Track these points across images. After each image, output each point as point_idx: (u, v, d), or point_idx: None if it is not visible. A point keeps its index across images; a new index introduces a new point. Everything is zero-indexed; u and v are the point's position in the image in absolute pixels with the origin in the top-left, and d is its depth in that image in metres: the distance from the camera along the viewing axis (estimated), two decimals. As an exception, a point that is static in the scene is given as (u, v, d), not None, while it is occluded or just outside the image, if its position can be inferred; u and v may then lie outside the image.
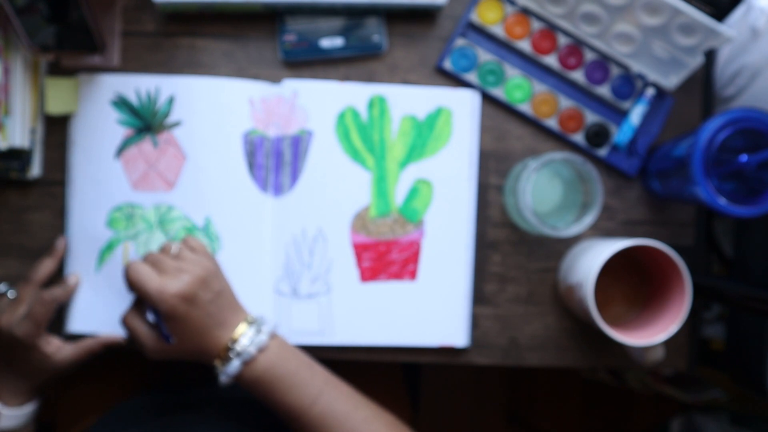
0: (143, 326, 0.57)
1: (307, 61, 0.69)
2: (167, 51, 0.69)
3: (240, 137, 0.67)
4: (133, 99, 0.67)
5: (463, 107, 0.69)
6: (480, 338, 0.70)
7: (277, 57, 0.69)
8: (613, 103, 0.70)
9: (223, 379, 0.57)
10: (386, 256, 0.69)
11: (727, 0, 0.71)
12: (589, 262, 0.62)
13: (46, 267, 0.65)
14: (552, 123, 0.70)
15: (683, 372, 0.73)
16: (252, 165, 0.67)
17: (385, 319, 0.68)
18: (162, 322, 0.56)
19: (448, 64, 0.69)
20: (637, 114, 0.69)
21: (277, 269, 0.68)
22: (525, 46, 0.70)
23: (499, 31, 0.69)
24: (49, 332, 0.63)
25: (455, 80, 0.70)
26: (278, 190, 0.68)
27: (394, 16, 0.70)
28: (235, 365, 0.56)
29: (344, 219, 0.68)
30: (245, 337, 0.57)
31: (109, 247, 0.67)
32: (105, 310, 0.66)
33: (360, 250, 0.68)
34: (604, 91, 0.70)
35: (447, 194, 0.69)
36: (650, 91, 0.69)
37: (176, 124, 0.67)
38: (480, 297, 0.70)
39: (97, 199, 0.67)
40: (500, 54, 0.70)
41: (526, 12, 0.69)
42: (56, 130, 0.68)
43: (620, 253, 0.62)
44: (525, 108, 0.70)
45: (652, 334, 0.62)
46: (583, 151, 0.71)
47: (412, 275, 0.69)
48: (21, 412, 0.64)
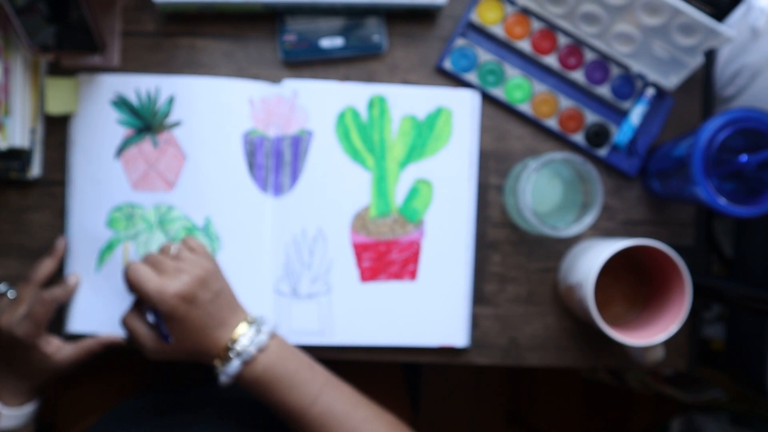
0: (143, 327, 0.57)
1: (307, 61, 0.69)
2: (167, 51, 0.69)
3: (240, 137, 0.67)
4: (133, 99, 0.67)
5: (463, 107, 0.69)
6: (480, 338, 0.70)
7: (277, 57, 0.69)
8: (613, 103, 0.70)
9: (223, 379, 0.57)
10: (386, 256, 0.69)
11: (727, 0, 0.71)
12: (589, 262, 0.62)
13: (46, 267, 0.65)
14: (552, 123, 0.70)
15: (683, 372, 0.73)
16: (252, 165, 0.67)
17: (385, 319, 0.68)
18: (162, 323, 0.56)
19: (448, 64, 0.69)
20: (637, 114, 0.69)
21: (277, 269, 0.68)
22: (525, 46, 0.70)
23: (499, 31, 0.69)
24: (49, 332, 0.63)
25: (455, 80, 0.70)
26: (278, 190, 0.68)
27: (394, 16, 0.70)
28: (235, 365, 0.56)
29: (344, 219, 0.68)
30: (245, 337, 0.57)
31: (109, 247, 0.67)
32: (105, 310, 0.66)
33: (360, 250, 0.68)
34: (604, 91, 0.70)
35: (447, 194, 0.69)
36: (650, 91, 0.69)
37: (176, 124, 0.67)
38: (480, 297, 0.70)
39: (97, 199, 0.67)
40: (500, 54, 0.70)
41: (526, 12, 0.69)
42: (56, 130, 0.68)
43: (620, 253, 0.62)
44: (525, 108, 0.70)
45: (652, 334, 0.62)
46: (583, 151, 0.71)
47: (412, 275, 0.69)
48: (21, 412, 0.64)
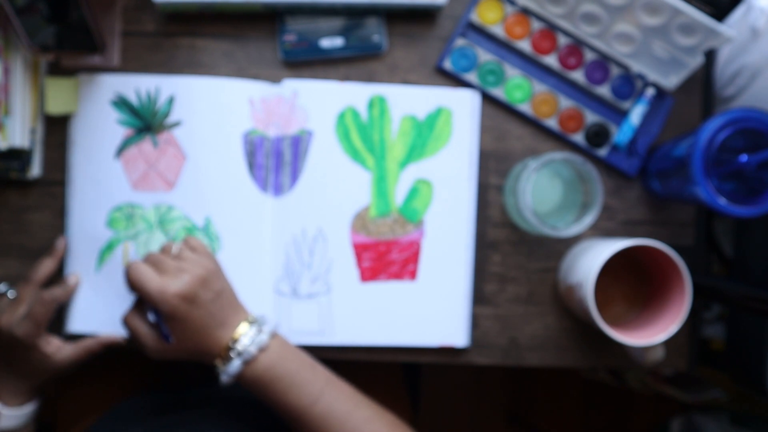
0: (144, 326, 0.57)
1: (307, 61, 0.69)
2: (167, 51, 0.69)
3: (240, 137, 0.67)
4: (133, 99, 0.67)
5: (463, 107, 0.69)
6: (480, 338, 0.70)
7: (277, 57, 0.69)
8: (613, 103, 0.70)
9: (224, 378, 0.57)
10: (386, 256, 0.69)
11: (727, 0, 0.71)
12: (589, 262, 0.62)
13: (46, 267, 0.65)
14: (552, 123, 0.70)
15: (683, 372, 0.73)
16: (252, 165, 0.67)
17: (385, 319, 0.68)
18: (163, 322, 0.56)
19: (448, 64, 0.69)
20: (637, 114, 0.69)
21: (277, 269, 0.68)
22: (525, 46, 0.70)
23: (499, 31, 0.69)
24: (49, 332, 0.63)
25: (455, 80, 0.70)
26: (278, 190, 0.68)
27: (394, 16, 0.70)
28: (236, 365, 0.56)
29: (344, 219, 0.68)
30: (246, 336, 0.57)
31: (109, 247, 0.67)
32: (105, 310, 0.66)
33: (360, 250, 0.68)
34: (604, 91, 0.70)
35: (447, 194, 0.69)
36: (650, 91, 0.69)
37: (176, 124, 0.67)
38: (480, 297, 0.70)
39: (97, 199, 0.67)
40: (500, 54, 0.70)
41: (526, 12, 0.69)
42: (56, 130, 0.68)
43: (620, 253, 0.62)
44: (525, 108, 0.70)
45: (652, 334, 0.62)
46: (583, 151, 0.71)
47: (412, 275, 0.69)
48: (21, 412, 0.64)
